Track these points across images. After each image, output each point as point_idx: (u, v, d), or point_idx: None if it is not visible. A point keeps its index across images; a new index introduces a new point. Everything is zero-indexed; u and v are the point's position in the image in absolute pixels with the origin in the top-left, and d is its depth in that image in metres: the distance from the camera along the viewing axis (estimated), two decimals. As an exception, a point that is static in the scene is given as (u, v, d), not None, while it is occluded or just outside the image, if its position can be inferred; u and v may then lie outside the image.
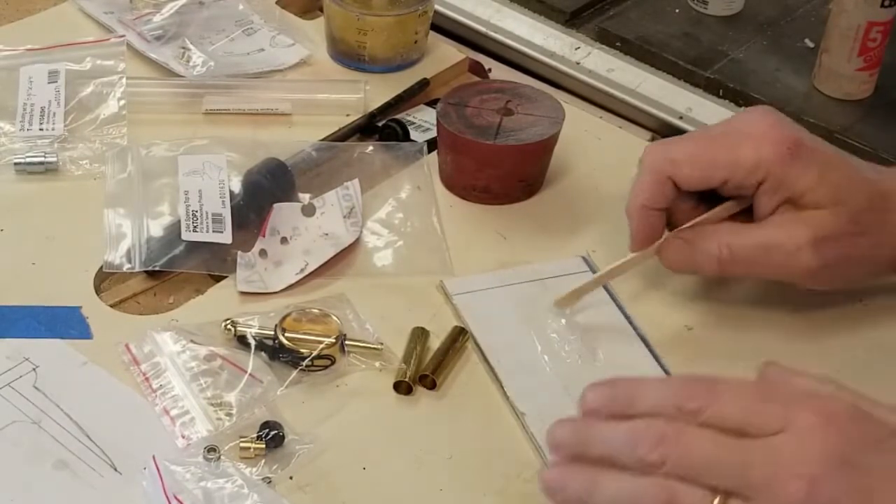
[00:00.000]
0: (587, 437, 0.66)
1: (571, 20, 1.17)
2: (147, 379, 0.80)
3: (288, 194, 0.94)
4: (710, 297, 0.89)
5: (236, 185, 0.94)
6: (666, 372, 0.83)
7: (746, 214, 0.83)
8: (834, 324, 0.87)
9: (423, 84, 1.09)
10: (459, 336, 0.84)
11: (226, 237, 0.90)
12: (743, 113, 0.86)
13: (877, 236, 0.81)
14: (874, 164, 0.86)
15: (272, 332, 0.83)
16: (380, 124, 1.04)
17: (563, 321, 0.85)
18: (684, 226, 0.83)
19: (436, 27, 1.14)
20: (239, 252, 0.89)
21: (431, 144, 1.01)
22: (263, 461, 0.76)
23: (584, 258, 0.91)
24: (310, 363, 0.82)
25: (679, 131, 1.07)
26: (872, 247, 0.81)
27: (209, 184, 0.93)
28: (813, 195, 0.80)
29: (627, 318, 0.87)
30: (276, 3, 1.18)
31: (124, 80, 1.04)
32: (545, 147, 0.96)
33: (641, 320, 0.87)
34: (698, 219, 0.83)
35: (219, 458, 0.75)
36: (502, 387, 0.81)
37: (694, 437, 0.63)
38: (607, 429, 0.66)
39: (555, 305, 0.86)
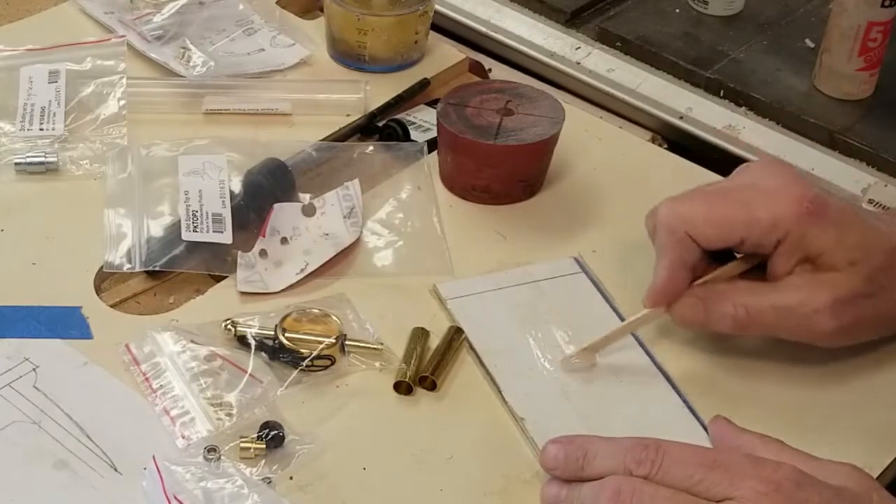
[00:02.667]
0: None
1: (572, 20, 1.17)
2: (147, 379, 0.80)
3: (288, 194, 0.94)
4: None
5: (236, 186, 0.94)
6: (664, 372, 0.83)
7: (760, 271, 0.82)
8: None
9: (424, 84, 1.09)
10: (455, 336, 0.84)
11: (226, 237, 0.90)
12: (755, 166, 0.84)
13: (891, 293, 0.80)
14: (875, 211, 0.86)
15: (272, 333, 0.83)
16: (380, 124, 1.04)
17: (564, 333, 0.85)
18: (697, 282, 0.82)
19: (436, 27, 1.14)
20: (239, 252, 0.89)
21: (432, 144, 1.01)
22: (263, 461, 0.76)
23: (576, 259, 0.91)
24: (310, 363, 0.82)
25: (679, 131, 1.08)
26: (887, 304, 0.80)
27: (209, 184, 0.93)
28: (830, 256, 0.78)
29: (623, 320, 0.86)
30: (277, 3, 1.18)
31: (124, 80, 1.04)
32: (545, 147, 0.96)
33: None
34: (711, 275, 0.82)
35: (219, 458, 0.75)
36: (500, 392, 0.81)
37: (651, 493, 0.67)
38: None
39: (566, 366, 0.83)
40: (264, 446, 0.76)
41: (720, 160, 1.03)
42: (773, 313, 0.80)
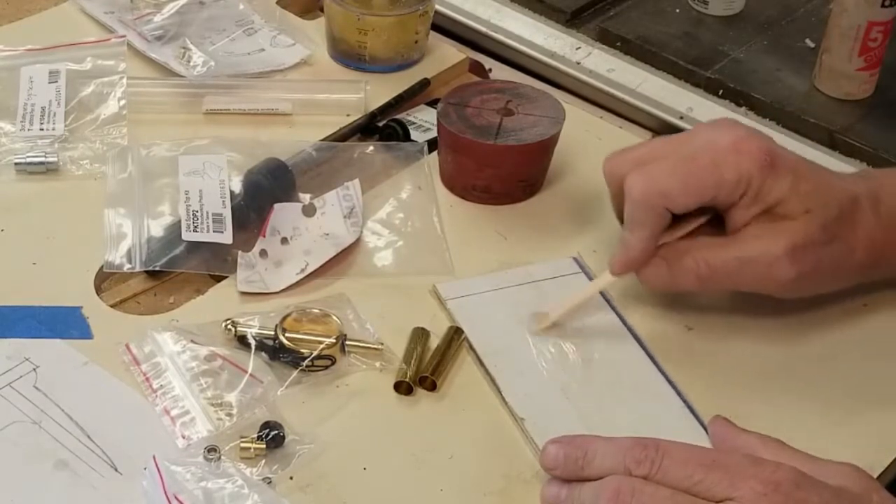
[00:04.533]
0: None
1: (572, 20, 1.17)
2: (147, 379, 0.80)
3: (288, 194, 0.94)
4: (709, 298, 0.89)
5: (237, 185, 0.94)
6: (664, 372, 0.83)
7: (717, 225, 0.83)
8: (834, 323, 0.87)
9: (424, 84, 1.09)
10: (455, 336, 0.84)
11: (226, 237, 0.90)
12: (705, 126, 0.86)
13: (846, 243, 0.81)
14: (843, 171, 0.87)
15: (273, 333, 0.83)
16: (380, 124, 1.04)
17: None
18: (660, 243, 0.83)
19: (436, 27, 1.14)
20: (239, 252, 0.89)
21: (432, 144, 1.01)
22: (264, 461, 0.76)
23: (575, 259, 0.91)
24: (310, 363, 0.82)
25: (680, 131, 1.07)
26: (843, 254, 0.82)
27: (210, 184, 0.93)
28: (786, 205, 0.80)
29: (623, 319, 0.87)
30: (277, 3, 1.18)
31: (125, 80, 1.04)
32: (546, 147, 0.96)
33: (638, 320, 0.87)
34: (673, 235, 0.83)
35: (219, 458, 0.75)
36: (500, 392, 0.81)
37: (651, 493, 0.67)
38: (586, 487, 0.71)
39: (537, 332, 0.85)
40: (264, 446, 0.76)
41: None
42: (734, 264, 0.81)
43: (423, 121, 1.06)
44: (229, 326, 0.83)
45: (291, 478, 0.75)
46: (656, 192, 0.81)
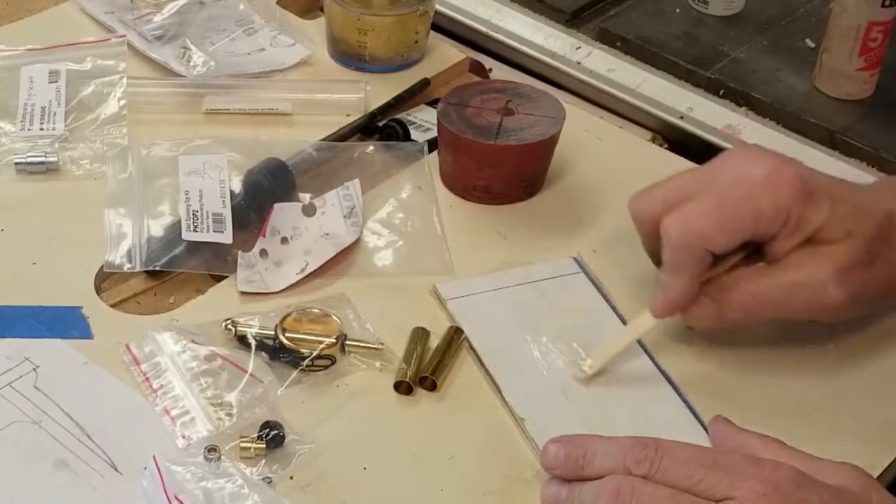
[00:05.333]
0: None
1: (572, 20, 1.17)
2: (147, 379, 0.80)
3: (288, 194, 0.94)
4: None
5: (237, 185, 0.94)
6: (664, 372, 0.83)
7: (755, 255, 0.82)
8: (834, 324, 0.87)
9: (424, 84, 1.09)
10: (455, 336, 0.84)
11: (226, 237, 0.90)
12: (734, 158, 0.83)
13: (890, 260, 0.80)
14: (861, 183, 0.87)
15: (273, 332, 0.83)
16: (380, 124, 1.04)
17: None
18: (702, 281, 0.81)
19: (436, 27, 1.14)
20: (239, 252, 0.89)
21: (432, 144, 1.01)
22: (264, 461, 0.76)
23: (575, 259, 0.91)
24: (310, 363, 0.82)
25: (680, 131, 1.08)
26: (888, 271, 0.81)
27: (210, 184, 0.93)
28: (827, 231, 0.79)
29: (623, 320, 0.87)
30: (277, 2, 1.18)
31: (125, 80, 1.04)
32: (546, 147, 0.96)
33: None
34: (714, 272, 0.81)
35: (219, 458, 0.75)
36: (500, 392, 0.81)
37: (651, 492, 0.67)
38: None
39: (585, 378, 0.83)
40: (264, 446, 0.76)
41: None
42: (781, 293, 0.80)
43: (424, 121, 1.06)
44: (229, 326, 0.83)
45: (291, 477, 0.75)
46: (695, 234, 0.79)
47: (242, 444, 0.76)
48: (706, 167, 0.84)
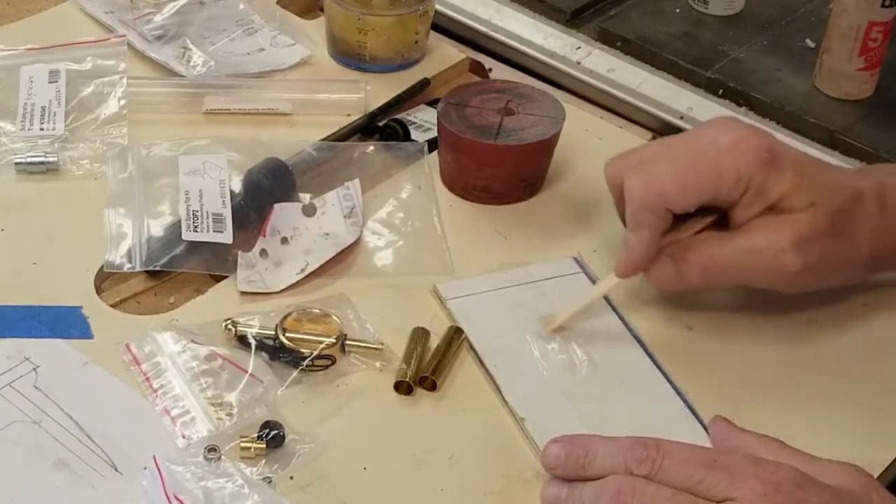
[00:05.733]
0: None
1: (572, 20, 1.17)
2: (148, 379, 0.80)
3: (288, 194, 0.94)
4: (709, 298, 0.89)
5: (237, 185, 0.94)
6: (664, 372, 0.83)
7: (722, 223, 0.83)
8: (834, 323, 0.87)
9: (424, 84, 1.09)
10: (455, 336, 0.84)
11: (226, 237, 0.90)
12: (707, 126, 0.85)
13: (852, 236, 0.82)
14: (842, 167, 0.87)
15: (273, 332, 0.83)
16: (380, 124, 1.04)
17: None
18: (665, 242, 0.83)
19: (436, 27, 1.14)
20: (239, 252, 0.89)
21: (432, 144, 1.01)
22: (264, 461, 0.76)
23: (575, 259, 0.91)
24: (310, 363, 0.82)
25: (680, 131, 1.07)
26: (849, 247, 0.82)
27: (210, 183, 0.93)
28: (789, 200, 0.80)
29: (623, 320, 0.87)
30: (277, 2, 1.18)
31: (125, 80, 1.04)
32: (546, 147, 0.96)
33: (639, 320, 0.87)
34: (679, 235, 0.83)
35: (219, 457, 0.75)
36: (500, 392, 0.81)
37: (652, 493, 0.67)
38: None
39: (545, 335, 0.85)
40: (265, 446, 0.76)
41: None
42: (740, 257, 0.81)
43: (424, 120, 1.06)
44: (229, 326, 0.83)
45: (291, 477, 0.75)
46: (655, 192, 0.81)
47: (242, 444, 0.76)
48: (681, 135, 0.87)
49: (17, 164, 0.97)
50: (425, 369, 0.82)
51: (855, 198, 0.82)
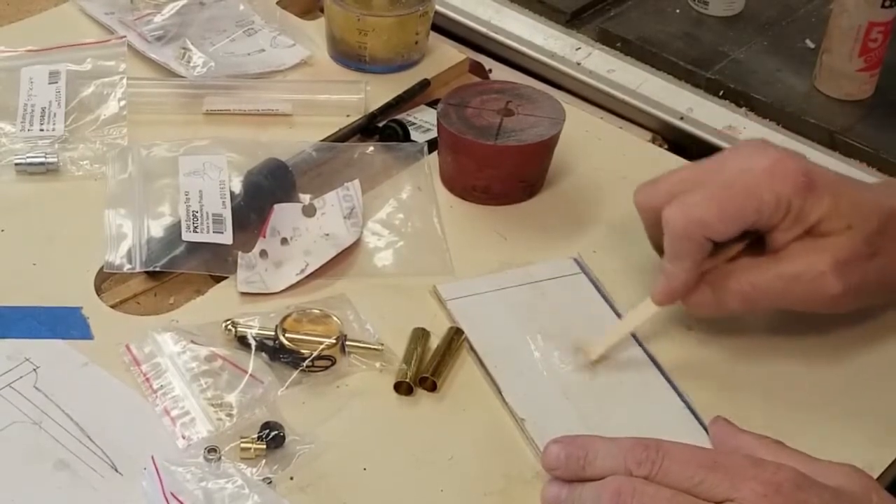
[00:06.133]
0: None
1: (572, 21, 1.17)
2: (147, 379, 0.80)
3: (288, 195, 0.94)
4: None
5: (237, 186, 0.94)
6: (664, 372, 0.83)
7: (757, 246, 0.82)
8: (834, 323, 0.87)
9: (424, 84, 1.09)
10: (455, 336, 0.84)
11: (226, 238, 0.90)
12: (738, 150, 0.85)
13: (890, 256, 0.81)
14: (867, 181, 0.87)
15: (273, 333, 0.83)
16: (380, 125, 1.04)
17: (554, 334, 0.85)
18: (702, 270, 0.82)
19: (436, 28, 1.14)
20: (239, 252, 0.89)
21: (432, 145, 1.01)
22: (264, 462, 0.76)
23: (575, 259, 0.91)
24: (310, 364, 0.82)
25: (680, 132, 1.08)
26: (888, 266, 0.81)
27: (210, 184, 0.93)
28: (827, 223, 0.79)
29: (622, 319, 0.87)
30: (277, 3, 1.18)
31: (125, 81, 1.04)
32: (546, 147, 0.96)
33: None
34: (715, 261, 0.82)
35: (219, 458, 0.75)
36: (500, 392, 0.81)
37: (652, 493, 0.67)
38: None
39: (590, 363, 0.83)
40: (265, 447, 0.76)
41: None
42: (780, 283, 0.80)
43: (423, 121, 1.06)
44: (229, 327, 0.83)
45: (292, 478, 0.75)
46: (695, 222, 0.80)
47: (242, 445, 0.76)
48: (712, 159, 0.85)
49: (17, 164, 0.97)
50: (425, 370, 0.82)
51: (891, 216, 0.81)
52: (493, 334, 0.85)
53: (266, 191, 0.94)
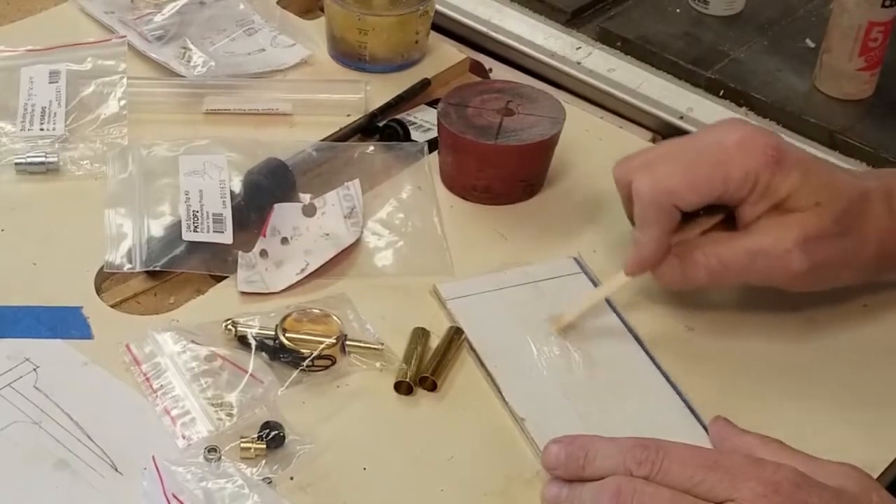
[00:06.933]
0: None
1: (572, 20, 1.17)
2: (148, 379, 0.80)
3: (288, 194, 0.94)
4: (709, 298, 0.89)
5: (237, 186, 0.94)
6: (664, 372, 0.83)
7: (729, 223, 0.83)
8: (835, 323, 0.88)
9: (424, 84, 1.09)
10: (456, 336, 0.84)
11: (226, 237, 0.90)
12: (712, 127, 0.86)
13: (859, 236, 0.82)
14: (850, 168, 0.87)
15: (273, 333, 0.83)
16: (380, 124, 1.04)
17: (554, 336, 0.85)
18: (673, 241, 0.83)
19: (436, 27, 1.14)
20: (240, 252, 0.89)
21: (432, 144, 1.01)
22: (264, 461, 0.76)
23: (575, 259, 0.91)
24: (310, 363, 0.82)
25: (680, 131, 1.07)
26: (855, 247, 0.82)
27: (210, 184, 0.93)
28: (796, 199, 0.80)
29: (623, 320, 0.87)
30: (277, 2, 1.18)
31: (125, 80, 1.04)
32: (546, 147, 0.96)
33: (639, 320, 0.87)
34: (687, 234, 0.83)
35: (219, 458, 0.75)
36: (500, 392, 0.81)
37: (652, 493, 0.67)
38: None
39: (555, 330, 0.85)
40: (265, 446, 0.76)
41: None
42: (746, 257, 0.81)
43: (424, 121, 1.06)
44: (229, 326, 0.83)
45: (292, 478, 0.75)
46: (663, 189, 0.81)
47: (243, 445, 0.76)
48: (687, 136, 0.88)
49: (17, 164, 0.97)
50: (425, 369, 0.82)
51: (862, 198, 0.82)
52: (493, 334, 0.85)
53: (266, 190, 0.94)
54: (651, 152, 0.86)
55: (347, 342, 0.83)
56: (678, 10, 1.17)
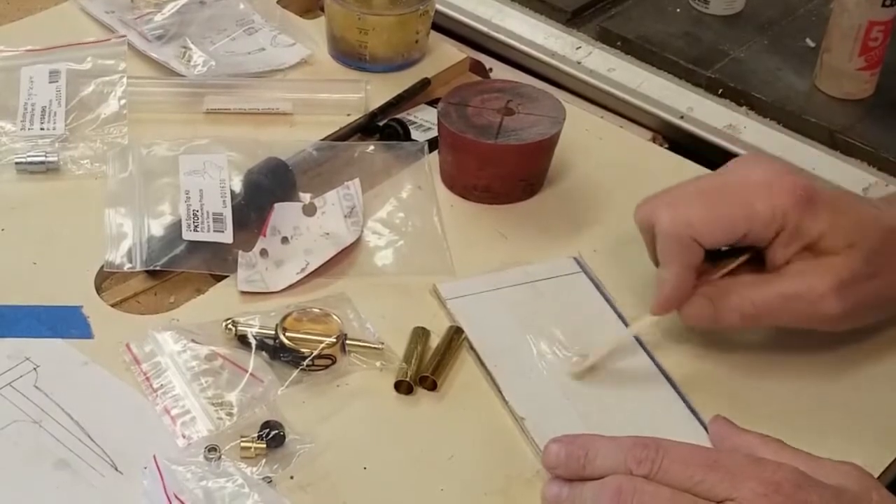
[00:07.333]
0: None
1: (572, 19, 1.17)
2: (148, 378, 0.80)
3: (289, 194, 0.94)
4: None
5: (237, 185, 0.94)
6: (664, 372, 0.83)
7: (757, 263, 0.82)
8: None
9: (425, 83, 1.09)
10: (456, 335, 0.84)
11: (227, 237, 0.90)
12: (741, 162, 0.85)
13: (890, 274, 0.81)
14: (868, 198, 0.86)
15: (273, 332, 0.83)
16: (381, 124, 1.04)
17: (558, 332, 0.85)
18: (702, 281, 0.82)
19: (437, 27, 1.14)
20: (240, 251, 0.89)
21: (432, 144, 1.01)
22: (264, 461, 0.76)
23: (575, 259, 0.91)
24: (310, 363, 0.82)
25: (680, 131, 1.08)
26: (887, 286, 0.81)
27: (210, 183, 0.93)
28: (828, 240, 0.79)
29: (623, 320, 0.87)
30: (277, 2, 1.18)
31: (125, 80, 1.04)
32: (546, 147, 0.96)
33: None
34: (716, 274, 0.82)
35: (219, 457, 0.75)
36: (500, 392, 0.81)
37: (652, 493, 0.67)
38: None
39: (574, 373, 0.83)
40: (265, 446, 0.76)
41: (721, 160, 1.03)
42: (779, 302, 0.80)
43: (424, 120, 1.06)
44: (230, 326, 0.83)
45: (292, 477, 0.75)
46: (683, 222, 0.80)
47: (243, 444, 0.76)
48: (713, 173, 0.85)
49: (17, 163, 0.97)
50: (425, 369, 0.82)
51: (891, 234, 0.80)
52: (493, 333, 0.85)
53: (266, 190, 0.94)
54: (674, 189, 0.84)
55: (347, 341, 0.83)
56: (678, 10, 1.17)
